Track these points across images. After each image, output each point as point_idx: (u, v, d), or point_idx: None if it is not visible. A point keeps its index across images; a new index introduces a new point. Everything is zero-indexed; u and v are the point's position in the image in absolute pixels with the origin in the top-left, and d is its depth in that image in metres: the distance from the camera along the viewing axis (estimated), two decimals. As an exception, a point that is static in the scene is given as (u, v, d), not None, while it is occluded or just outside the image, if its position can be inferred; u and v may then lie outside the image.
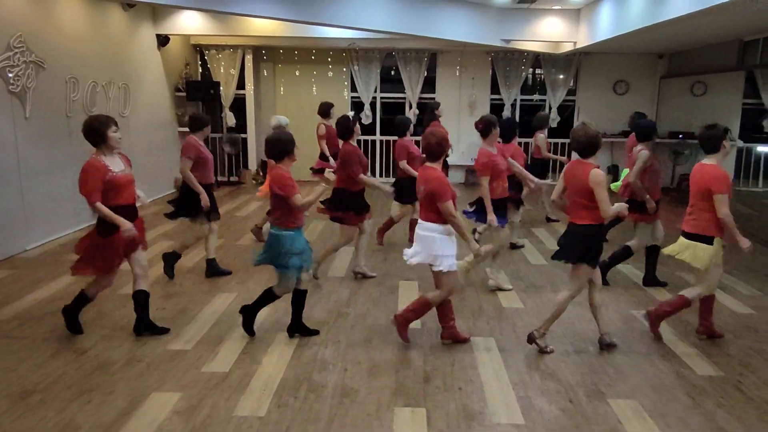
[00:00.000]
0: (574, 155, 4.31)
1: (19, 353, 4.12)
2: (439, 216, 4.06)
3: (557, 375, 3.92)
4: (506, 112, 11.94)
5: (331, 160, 8.07)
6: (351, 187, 5.48)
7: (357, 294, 5.42)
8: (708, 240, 4.21)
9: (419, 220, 4.23)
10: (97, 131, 4.07)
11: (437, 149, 4.12)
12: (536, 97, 12.45)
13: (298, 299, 4.41)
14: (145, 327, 4.43)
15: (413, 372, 3.93)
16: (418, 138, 6.61)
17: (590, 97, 12.06)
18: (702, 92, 11.19)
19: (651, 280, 5.70)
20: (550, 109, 12.00)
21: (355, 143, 5.60)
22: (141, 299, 4.38)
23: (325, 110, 8.26)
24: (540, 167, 8.13)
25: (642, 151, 5.39)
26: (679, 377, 3.91)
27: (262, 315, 4.86)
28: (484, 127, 5.18)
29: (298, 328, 4.46)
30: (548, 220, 8.64)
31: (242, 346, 4.28)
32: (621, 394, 3.67)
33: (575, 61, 11.82)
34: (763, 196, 9.79)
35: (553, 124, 11.86)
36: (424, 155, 4.25)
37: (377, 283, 5.73)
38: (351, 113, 5.81)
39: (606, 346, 4.29)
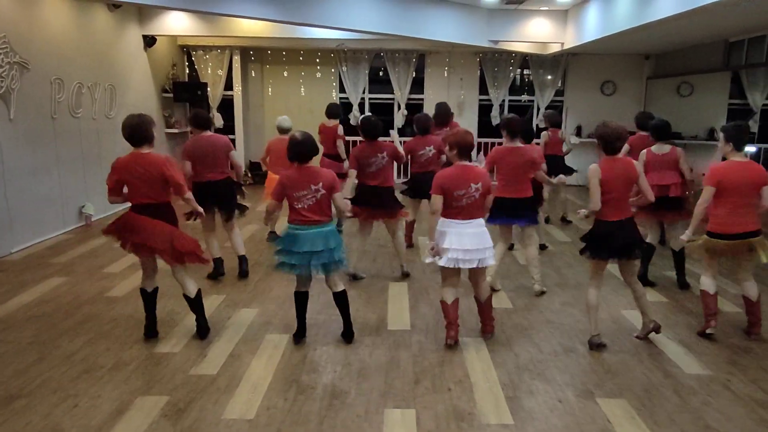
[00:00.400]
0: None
1: (4, 357, 4.07)
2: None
3: (546, 375, 3.93)
4: (494, 113, 11.98)
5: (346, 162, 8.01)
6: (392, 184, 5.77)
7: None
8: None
9: (467, 221, 4.14)
10: (149, 130, 4.17)
11: (473, 148, 4.27)
12: (524, 97, 12.50)
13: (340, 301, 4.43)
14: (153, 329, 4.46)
15: (403, 373, 3.92)
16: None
17: (578, 97, 12.14)
18: (688, 93, 11.28)
19: (643, 280, 5.67)
20: (538, 109, 12.06)
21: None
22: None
23: (336, 111, 8.04)
24: (564, 164, 8.05)
25: (679, 148, 5.54)
26: (667, 376, 3.93)
27: (251, 316, 4.84)
28: (518, 128, 5.29)
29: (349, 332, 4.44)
30: (564, 220, 8.55)
31: (230, 349, 4.25)
32: (610, 394, 3.68)
33: (563, 62, 11.88)
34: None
35: (542, 124, 11.90)
36: (455, 153, 4.22)
37: (367, 284, 5.71)
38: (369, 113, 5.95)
39: (596, 347, 4.31)
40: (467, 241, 4.10)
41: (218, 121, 11.69)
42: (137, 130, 4.11)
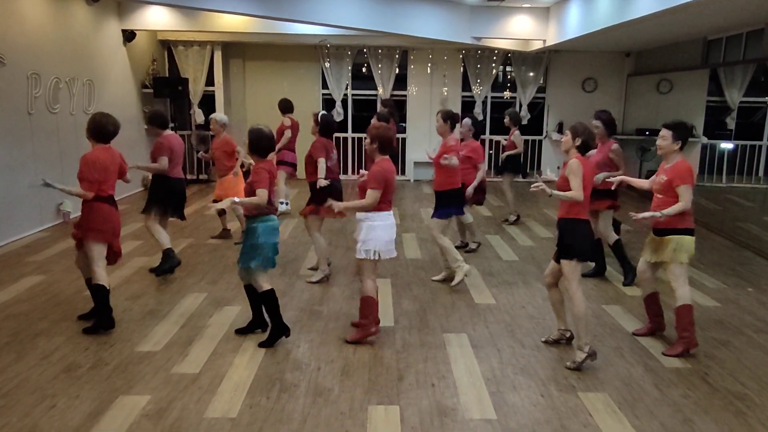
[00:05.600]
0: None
1: (-20, 358, 3.99)
2: None
3: (529, 370, 3.96)
4: (477, 110, 12.03)
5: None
6: None
7: (329, 292, 5.39)
8: None
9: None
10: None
11: (392, 143, 4.47)
12: (507, 94, 12.55)
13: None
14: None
15: (386, 369, 3.92)
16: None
17: (560, 94, 12.23)
18: (668, 90, 11.42)
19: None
20: (520, 106, 12.14)
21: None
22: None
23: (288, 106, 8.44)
24: None
25: None
26: (647, 370, 3.98)
27: (233, 314, 4.80)
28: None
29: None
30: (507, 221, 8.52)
31: (213, 347, 4.21)
32: (591, 388, 3.72)
33: (545, 59, 11.95)
34: (727, 191, 10.05)
35: (524, 122, 12.05)
36: (377, 147, 4.37)
37: (349, 282, 5.70)
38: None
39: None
40: (393, 231, 4.34)
41: (199, 117, 11.57)
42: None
